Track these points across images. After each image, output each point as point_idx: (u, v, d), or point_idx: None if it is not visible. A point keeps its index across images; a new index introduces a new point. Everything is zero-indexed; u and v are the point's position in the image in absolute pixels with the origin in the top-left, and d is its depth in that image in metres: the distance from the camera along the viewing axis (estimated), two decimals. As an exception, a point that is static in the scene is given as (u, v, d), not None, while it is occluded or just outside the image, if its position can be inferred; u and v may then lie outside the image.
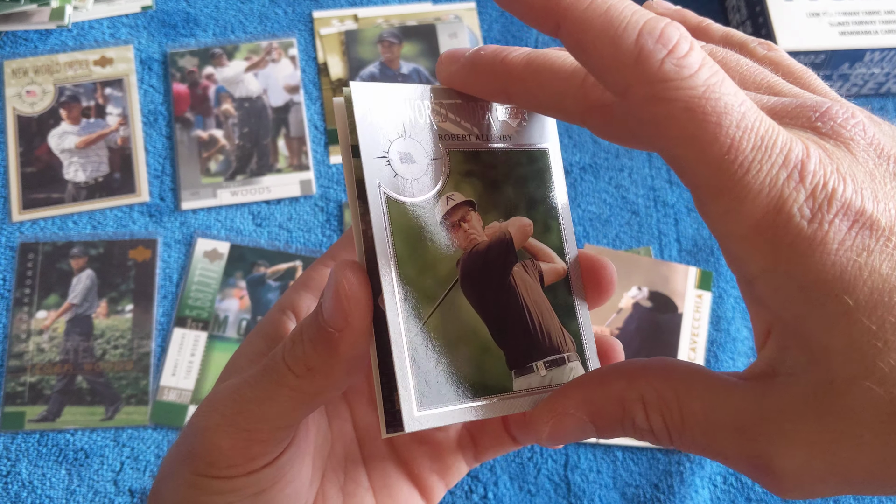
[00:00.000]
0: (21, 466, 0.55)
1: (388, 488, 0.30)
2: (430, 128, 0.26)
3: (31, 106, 0.64)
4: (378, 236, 0.24)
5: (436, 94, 0.26)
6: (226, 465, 0.25)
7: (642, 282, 0.60)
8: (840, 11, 0.62)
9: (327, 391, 0.25)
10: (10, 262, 0.60)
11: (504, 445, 0.30)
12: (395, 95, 0.25)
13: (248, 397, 0.25)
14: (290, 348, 0.24)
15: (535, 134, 0.28)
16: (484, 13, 0.69)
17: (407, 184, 0.25)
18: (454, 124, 0.26)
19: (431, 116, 0.26)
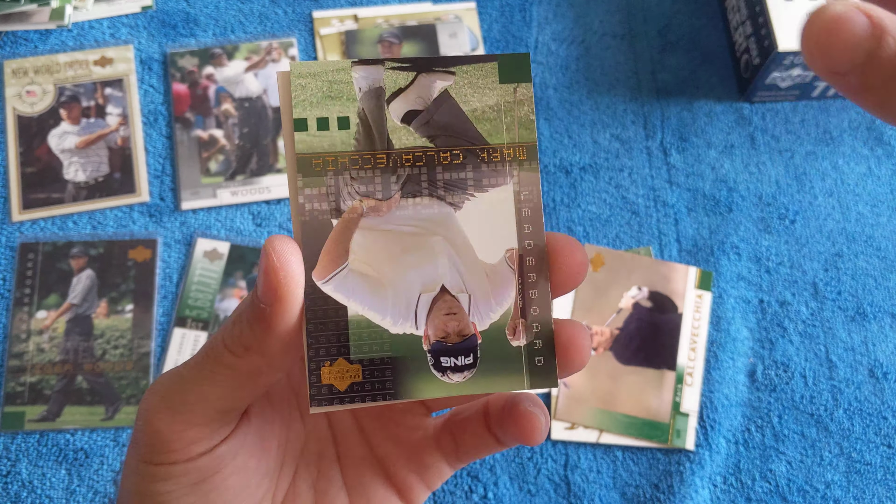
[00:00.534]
0: (21, 466, 0.55)
1: (363, 487, 0.30)
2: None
3: (31, 106, 0.64)
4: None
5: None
6: (164, 449, 0.24)
7: (642, 282, 0.60)
8: (840, 11, 0.62)
9: (265, 372, 0.24)
10: (10, 262, 0.60)
11: (487, 446, 0.29)
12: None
13: (187, 379, 0.24)
14: (229, 328, 0.24)
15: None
16: (484, 13, 0.69)
17: None
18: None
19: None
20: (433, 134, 0.26)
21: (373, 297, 0.25)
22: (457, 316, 0.25)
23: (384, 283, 0.25)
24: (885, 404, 0.58)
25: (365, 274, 0.25)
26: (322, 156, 0.25)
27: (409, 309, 0.25)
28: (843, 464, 0.57)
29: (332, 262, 0.25)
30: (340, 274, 0.25)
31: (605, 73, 0.68)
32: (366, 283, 0.25)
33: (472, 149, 0.26)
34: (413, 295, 0.25)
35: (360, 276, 0.25)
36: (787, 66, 0.62)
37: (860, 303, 0.61)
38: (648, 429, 0.56)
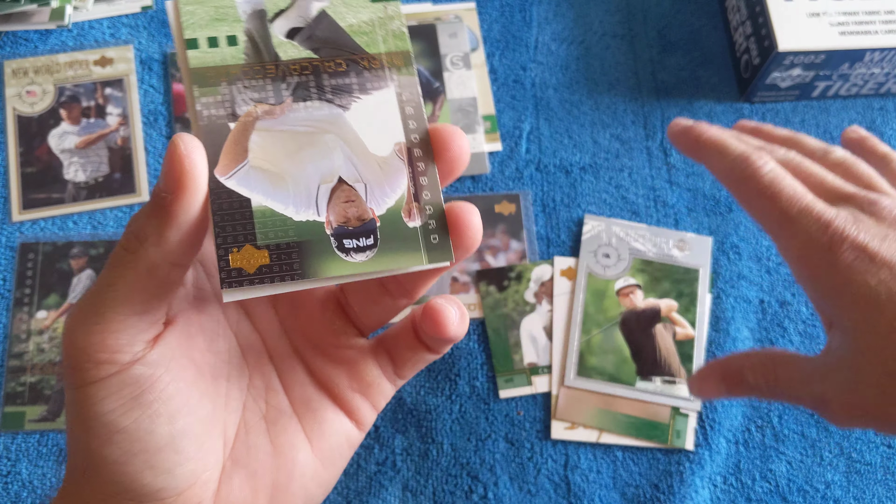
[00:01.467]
0: (21, 466, 0.55)
1: (313, 413, 0.31)
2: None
3: (31, 106, 0.64)
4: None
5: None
6: (91, 363, 0.25)
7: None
8: (840, 11, 0.62)
9: (163, 264, 0.25)
10: (10, 262, 0.60)
11: (419, 355, 0.31)
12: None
13: (95, 291, 0.25)
14: (127, 227, 0.25)
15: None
16: (484, 13, 0.69)
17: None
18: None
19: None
20: (316, 47, 0.28)
21: (274, 189, 0.26)
22: (355, 203, 0.27)
23: (284, 177, 0.26)
24: (886, 404, 0.58)
25: (265, 169, 0.26)
26: (214, 68, 0.27)
27: (310, 199, 0.27)
28: (844, 464, 0.57)
29: (233, 160, 0.26)
30: (242, 170, 0.26)
31: (605, 73, 0.68)
32: (267, 177, 0.26)
33: (353, 58, 0.29)
34: (313, 186, 0.27)
35: (260, 171, 0.26)
36: (788, 66, 0.62)
37: (860, 303, 0.61)
38: (648, 429, 0.56)
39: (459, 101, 0.66)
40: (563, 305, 0.60)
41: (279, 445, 0.30)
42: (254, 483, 0.29)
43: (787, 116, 0.67)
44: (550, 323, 0.59)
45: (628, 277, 0.60)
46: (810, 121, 0.67)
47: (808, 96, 0.67)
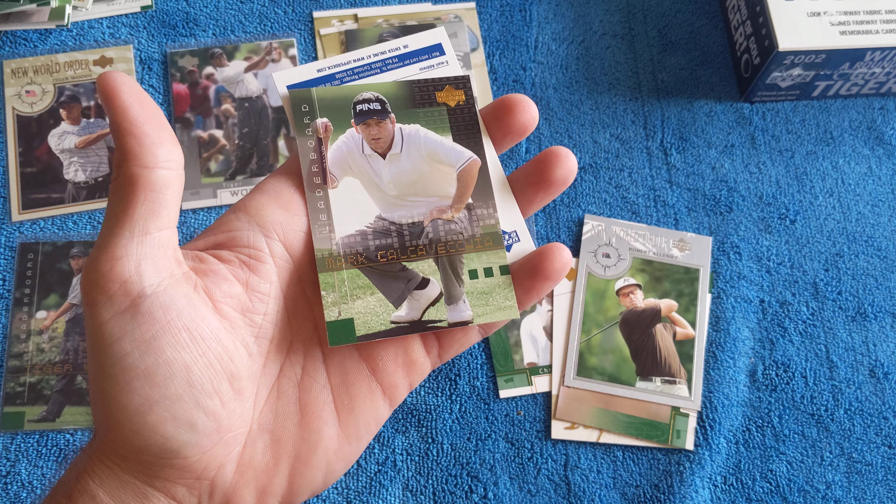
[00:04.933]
0: (21, 467, 0.55)
1: (347, 386, 0.31)
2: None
3: (31, 106, 0.64)
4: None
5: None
6: (102, 298, 0.26)
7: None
8: (840, 11, 0.62)
9: (139, 170, 0.26)
10: (10, 262, 0.60)
11: (467, 335, 0.32)
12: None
13: (103, 227, 0.27)
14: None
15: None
16: (484, 13, 0.69)
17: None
18: None
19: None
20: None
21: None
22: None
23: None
24: (886, 404, 0.58)
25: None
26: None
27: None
28: (844, 464, 0.57)
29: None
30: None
31: (605, 73, 0.68)
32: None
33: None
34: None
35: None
36: (788, 66, 0.62)
37: (861, 303, 0.61)
38: (648, 429, 0.56)
39: (459, 101, 0.65)
40: (563, 305, 0.59)
41: (307, 415, 0.30)
42: (277, 450, 0.29)
43: (787, 116, 0.67)
44: (550, 323, 0.59)
45: (628, 277, 0.60)
46: (810, 121, 0.67)
47: (808, 96, 0.67)
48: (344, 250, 0.31)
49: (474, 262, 0.31)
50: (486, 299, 0.31)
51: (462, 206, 0.32)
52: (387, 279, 0.31)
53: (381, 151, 0.32)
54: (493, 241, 0.32)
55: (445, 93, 0.33)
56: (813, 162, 0.65)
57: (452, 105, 0.33)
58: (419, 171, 0.32)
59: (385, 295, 0.31)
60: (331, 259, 0.30)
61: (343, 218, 0.31)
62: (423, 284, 0.31)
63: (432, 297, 0.31)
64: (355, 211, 0.31)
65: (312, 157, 0.31)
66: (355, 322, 0.30)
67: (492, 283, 0.31)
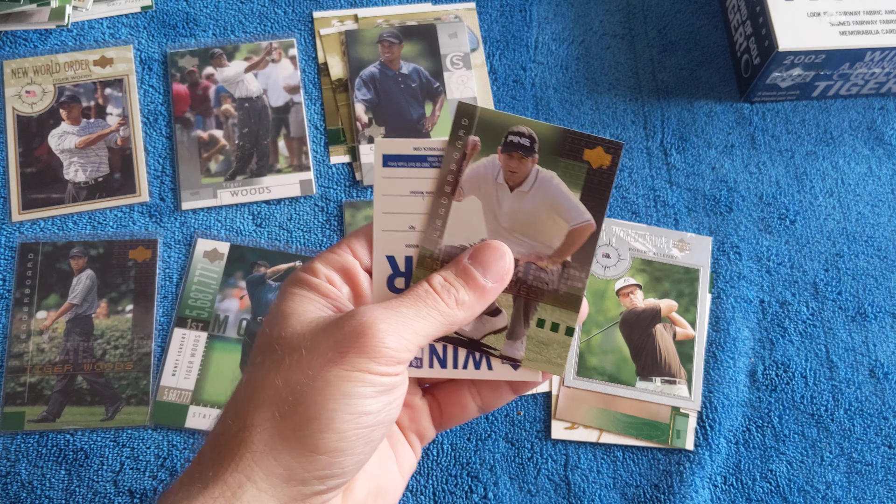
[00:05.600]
0: (21, 467, 0.55)
1: (395, 436, 0.37)
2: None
3: (31, 106, 0.64)
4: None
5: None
6: (385, 361, 0.30)
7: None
8: (840, 11, 0.62)
9: (457, 325, 0.32)
10: (10, 262, 0.60)
11: (466, 413, 0.38)
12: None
13: (407, 314, 0.31)
14: (444, 285, 0.33)
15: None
16: (484, 13, 0.69)
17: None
18: None
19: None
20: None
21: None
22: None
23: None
24: (886, 404, 0.58)
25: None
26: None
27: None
28: (844, 464, 0.57)
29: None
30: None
31: (605, 73, 0.68)
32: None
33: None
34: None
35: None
36: (788, 66, 0.62)
37: (861, 303, 0.61)
38: (648, 429, 0.56)
39: (459, 101, 0.65)
40: (563, 305, 0.60)
41: (381, 456, 0.36)
42: (369, 484, 0.35)
43: (787, 116, 0.67)
44: (550, 323, 0.59)
45: (628, 277, 0.60)
46: (810, 121, 0.67)
47: (808, 96, 0.67)
48: (443, 256, 0.34)
49: (547, 313, 0.34)
50: (542, 349, 0.34)
51: (560, 260, 0.34)
52: None
53: (512, 185, 0.34)
54: (572, 303, 0.34)
55: (595, 153, 0.34)
56: (813, 162, 0.65)
57: (595, 166, 0.33)
58: (536, 215, 0.34)
59: None
60: (430, 260, 0.34)
61: (454, 230, 0.34)
62: (495, 313, 0.34)
63: (497, 326, 0.34)
64: (467, 228, 0.34)
65: (452, 167, 0.34)
66: None
67: (553, 338, 0.34)
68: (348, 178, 0.64)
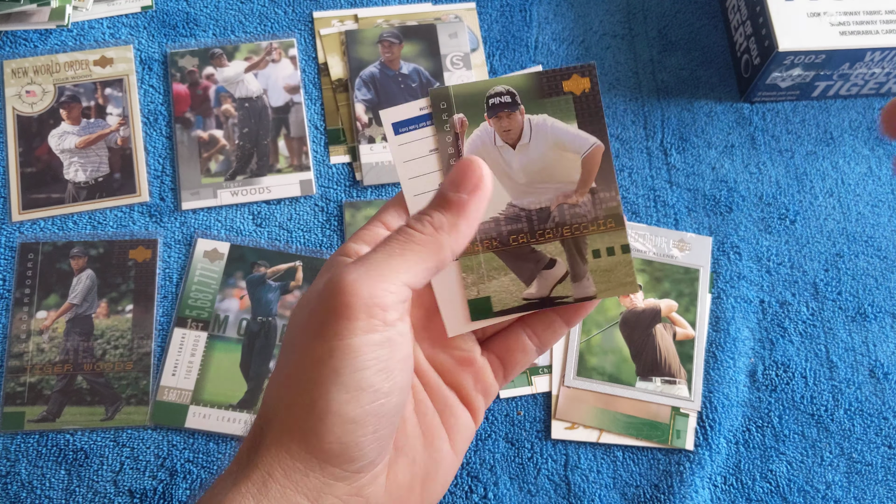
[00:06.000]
0: (21, 467, 0.55)
1: (449, 409, 0.35)
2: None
3: (31, 106, 0.64)
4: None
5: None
6: (363, 315, 0.28)
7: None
8: (840, 11, 0.62)
9: (447, 250, 0.30)
10: (10, 262, 0.60)
11: (528, 356, 0.36)
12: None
13: (379, 258, 0.29)
14: (416, 217, 0.30)
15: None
16: (484, 13, 0.69)
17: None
18: None
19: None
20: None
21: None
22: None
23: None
24: (886, 404, 0.58)
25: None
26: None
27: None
28: (844, 464, 0.57)
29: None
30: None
31: (605, 73, 0.68)
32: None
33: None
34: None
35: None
36: (788, 66, 0.62)
37: (860, 303, 0.61)
38: (648, 429, 0.56)
39: (459, 101, 0.65)
40: (563, 305, 0.60)
41: (429, 437, 0.34)
42: (413, 469, 0.33)
43: (787, 116, 0.67)
44: (550, 323, 0.59)
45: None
46: (810, 121, 0.67)
47: (808, 96, 0.67)
48: (480, 235, 0.34)
49: (597, 242, 0.34)
50: (608, 276, 0.34)
51: (586, 190, 0.34)
52: (518, 261, 0.34)
53: (512, 142, 0.34)
54: (614, 221, 0.34)
55: (572, 81, 0.34)
56: (813, 162, 0.65)
57: (578, 93, 0.34)
58: (546, 160, 0.34)
59: (517, 275, 0.34)
60: (469, 244, 0.33)
61: None
62: (551, 265, 0.34)
63: (559, 275, 0.34)
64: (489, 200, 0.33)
65: (450, 151, 0.34)
66: (492, 300, 0.34)
67: (613, 262, 0.34)
68: (348, 178, 0.64)
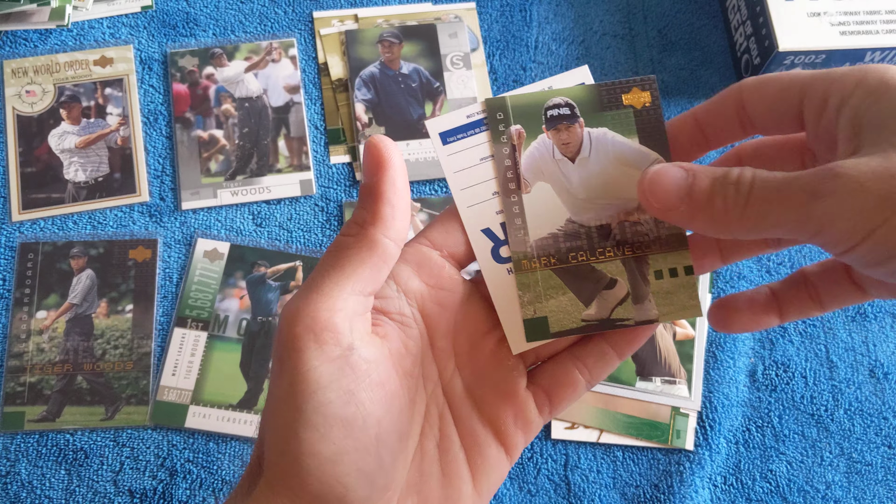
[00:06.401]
0: (21, 467, 0.55)
1: (479, 447, 0.32)
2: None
3: (31, 106, 0.64)
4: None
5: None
6: (314, 345, 0.26)
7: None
8: (840, 11, 0.62)
9: (382, 238, 0.28)
10: (10, 262, 0.60)
11: (578, 391, 0.33)
12: None
13: (319, 273, 0.28)
14: (345, 224, 0.29)
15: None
16: (484, 13, 0.69)
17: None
18: None
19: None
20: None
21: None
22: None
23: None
24: (886, 404, 0.58)
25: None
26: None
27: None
28: (844, 464, 0.57)
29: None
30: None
31: (605, 74, 0.68)
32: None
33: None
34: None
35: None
36: (788, 66, 0.62)
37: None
38: (648, 429, 0.56)
39: (459, 101, 0.66)
40: (563, 305, 0.60)
41: (448, 475, 0.31)
42: None
43: (787, 116, 0.67)
44: (550, 323, 0.59)
45: None
46: (810, 121, 0.67)
47: (808, 96, 0.67)
48: (538, 252, 0.33)
49: (659, 262, 0.33)
50: (671, 299, 0.33)
51: None
52: (577, 279, 0.33)
53: (571, 156, 0.33)
54: (677, 241, 0.32)
55: (632, 95, 0.33)
56: (813, 162, 0.65)
57: (639, 107, 0.33)
58: (607, 174, 0.33)
59: (576, 294, 0.33)
60: (526, 261, 0.33)
61: (536, 221, 0.33)
62: (611, 285, 0.33)
63: (620, 296, 0.33)
64: (547, 214, 0.33)
65: (507, 163, 0.33)
66: (549, 320, 0.32)
67: (676, 283, 0.32)
68: (348, 177, 0.64)
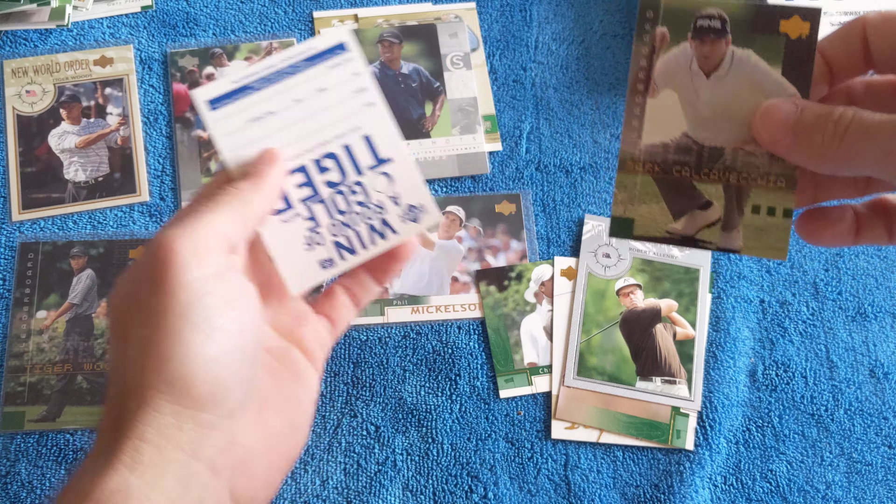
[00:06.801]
0: (20, 467, 0.55)
1: (290, 360, 0.38)
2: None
3: (31, 106, 0.64)
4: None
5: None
6: (196, 259, 0.30)
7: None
8: (840, 11, 0.62)
9: (259, 196, 0.34)
10: (10, 262, 0.60)
11: (349, 312, 0.41)
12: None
13: (194, 207, 0.33)
14: (231, 173, 0.36)
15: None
16: (484, 13, 0.69)
17: None
18: None
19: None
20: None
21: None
22: None
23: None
24: (886, 404, 0.58)
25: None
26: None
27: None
28: (844, 464, 0.57)
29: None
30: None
31: (605, 73, 0.68)
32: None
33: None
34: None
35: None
36: (788, 66, 0.62)
37: (861, 303, 0.61)
38: (648, 429, 0.56)
39: (459, 101, 0.66)
40: (563, 305, 0.59)
41: (285, 390, 0.37)
42: (282, 417, 0.35)
43: (787, 116, 0.67)
44: (551, 323, 0.59)
45: (628, 277, 0.60)
46: (810, 121, 0.67)
47: (808, 96, 0.67)
48: (644, 157, 0.33)
49: (761, 198, 0.32)
50: (760, 235, 0.32)
51: None
52: (674, 192, 0.33)
53: (707, 70, 0.32)
54: (787, 182, 0.32)
55: (791, 23, 0.32)
56: (813, 162, 0.65)
57: (794, 37, 0.31)
58: (737, 98, 0.32)
59: (668, 206, 0.33)
60: (631, 162, 0.33)
61: (652, 127, 0.33)
62: (706, 206, 0.33)
63: (711, 219, 0.33)
64: (665, 123, 0.32)
65: (643, 63, 0.33)
66: (635, 223, 0.33)
67: (770, 223, 0.32)
68: (348, 177, 0.64)
